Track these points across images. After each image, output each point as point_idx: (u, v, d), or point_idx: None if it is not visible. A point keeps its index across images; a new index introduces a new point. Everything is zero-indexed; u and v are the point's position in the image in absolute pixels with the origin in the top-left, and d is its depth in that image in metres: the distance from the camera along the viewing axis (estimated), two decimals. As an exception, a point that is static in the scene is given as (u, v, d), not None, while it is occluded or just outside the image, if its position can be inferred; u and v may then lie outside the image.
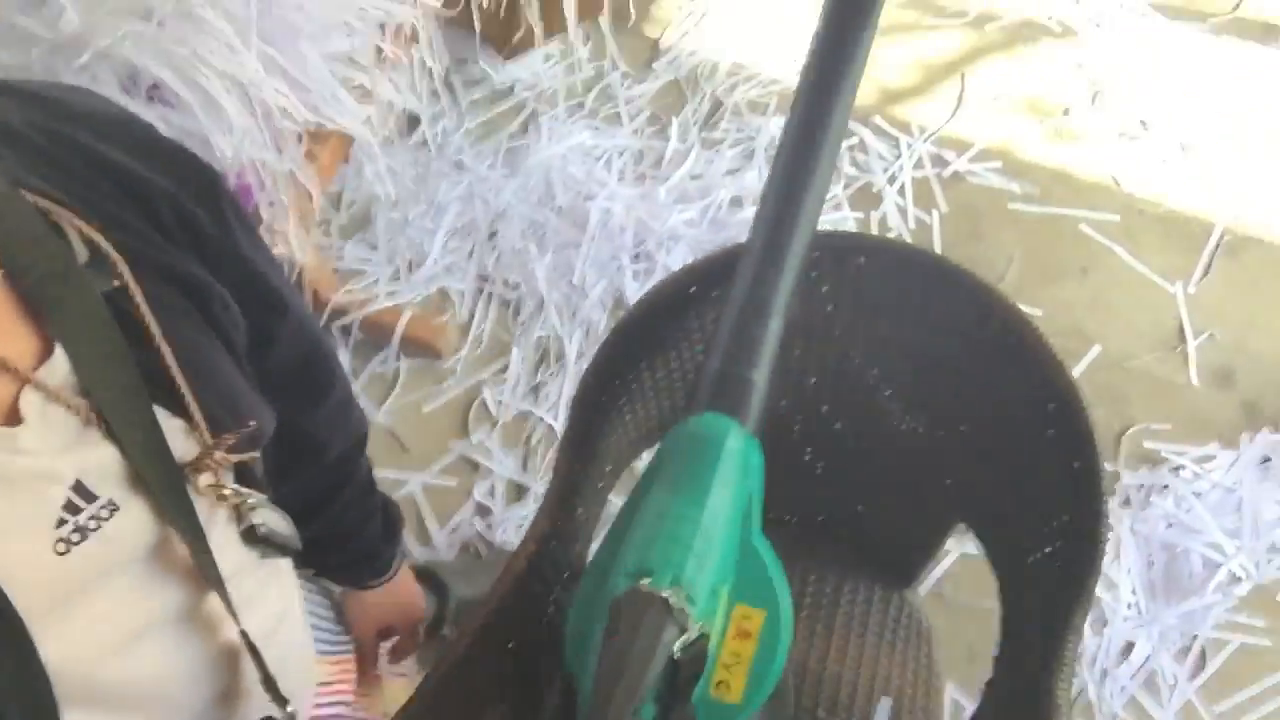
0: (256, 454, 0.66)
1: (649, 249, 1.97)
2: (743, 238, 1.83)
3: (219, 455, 0.59)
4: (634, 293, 1.92)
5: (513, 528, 1.71)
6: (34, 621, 0.50)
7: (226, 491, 0.61)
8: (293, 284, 0.82)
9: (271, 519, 0.64)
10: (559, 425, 1.78)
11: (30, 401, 0.52)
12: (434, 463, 1.77)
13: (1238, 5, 2.34)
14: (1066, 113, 2.17)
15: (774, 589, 0.62)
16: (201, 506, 0.59)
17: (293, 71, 1.09)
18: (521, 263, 1.96)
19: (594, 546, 0.86)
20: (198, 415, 0.59)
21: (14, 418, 0.52)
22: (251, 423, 0.63)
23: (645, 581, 0.51)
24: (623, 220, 1.99)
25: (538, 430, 1.80)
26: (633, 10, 2.16)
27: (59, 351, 0.54)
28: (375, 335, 1.88)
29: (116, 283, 0.56)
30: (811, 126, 0.88)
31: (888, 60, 2.23)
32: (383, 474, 1.74)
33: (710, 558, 0.55)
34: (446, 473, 1.76)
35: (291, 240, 1.10)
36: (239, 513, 0.63)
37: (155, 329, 0.57)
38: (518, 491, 1.75)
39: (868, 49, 0.87)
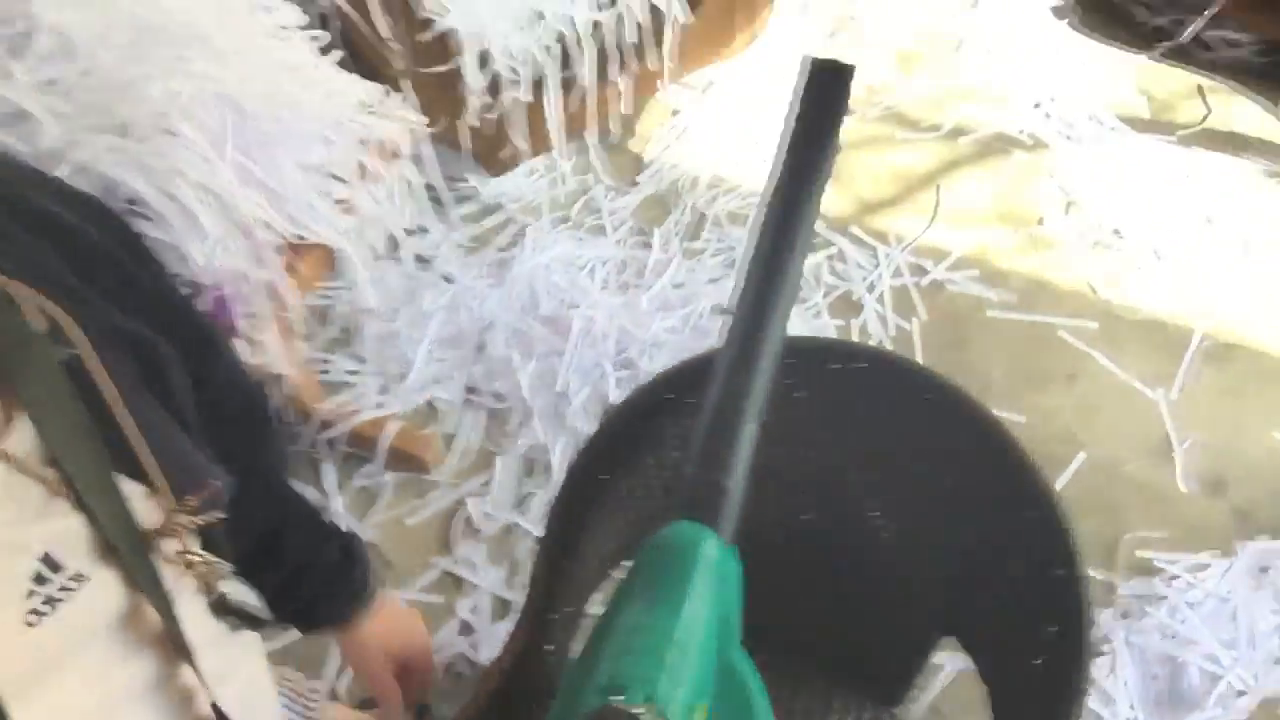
0: (221, 515, 0.64)
1: (632, 356, 1.98)
2: (724, 344, 1.79)
3: (184, 519, 0.59)
4: (618, 399, 1.92)
5: (498, 645, 1.67)
6: (8, 697, 0.49)
7: (194, 558, 0.61)
8: (271, 391, 0.82)
9: (239, 590, 0.64)
10: (543, 536, 1.75)
11: None
12: (417, 579, 1.74)
13: (1205, 117, 2.41)
14: (1041, 222, 2.21)
15: (754, 707, 0.60)
16: (169, 576, 0.59)
17: (270, 183, 1.10)
18: (507, 372, 1.97)
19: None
20: (160, 480, 0.59)
21: None
22: (215, 482, 0.63)
23: (617, 698, 0.49)
24: (605, 328, 2.01)
25: (524, 543, 1.77)
26: (616, 128, 2.21)
27: (23, 421, 0.54)
28: (362, 448, 1.87)
29: (72, 351, 0.57)
30: (778, 239, 0.89)
31: (864, 172, 2.29)
32: (363, 588, 1.70)
33: (686, 673, 0.53)
34: (430, 589, 1.73)
35: (270, 351, 1.10)
36: (207, 583, 0.62)
37: (113, 396, 0.57)
38: (503, 607, 1.72)
39: (827, 173, 0.88)
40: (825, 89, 0.89)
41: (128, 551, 0.56)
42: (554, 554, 0.83)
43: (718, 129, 2.39)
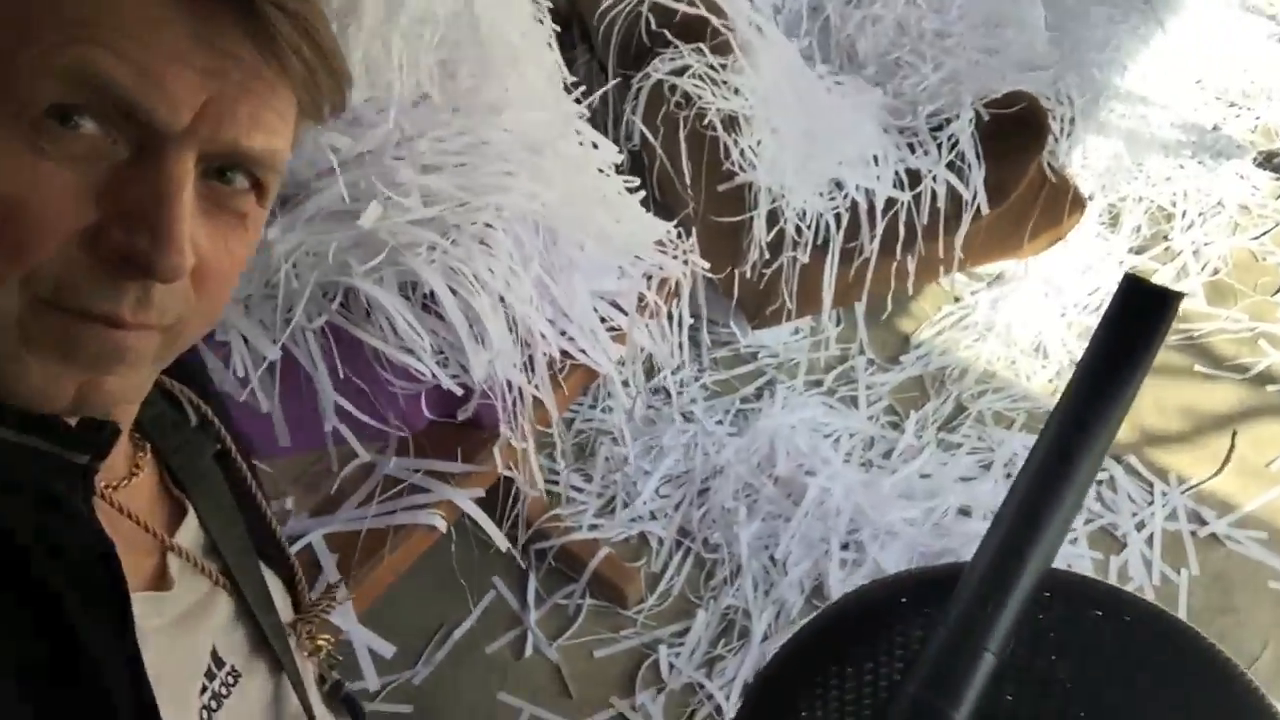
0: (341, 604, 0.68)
1: (862, 539, 1.88)
2: (965, 551, 1.71)
3: (322, 605, 0.63)
4: (837, 582, 1.82)
5: (654, 804, 1.58)
6: None
7: (322, 641, 0.64)
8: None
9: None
10: (729, 708, 1.66)
11: (174, 565, 0.56)
12: (592, 716, 1.68)
13: None
14: (1354, 495, 1.95)
15: None
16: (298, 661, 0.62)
17: (561, 303, 1.13)
18: (727, 524, 1.92)
19: None
20: (299, 570, 0.63)
21: (162, 581, 0.55)
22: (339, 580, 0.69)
23: None
24: (840, 503, 1.92)
25: (704, 707, 1.68)
26: (889, 303, 2.17)
27: (190, 515, 0.59)
28: (568, 566, 1.86)
29: (219, 446, 0.62)
30: (1059, 466, 0.81)
31: (1152, 399, 2.11)
32: (537, 712, 1.67)
33: None
34: (601, 728, 1.67)
35: (526, 464, 1.12)
36: (324, 668, 0.65)
37: (257, 488, 0.62)
38: (669, 766, 1.63)
39: (1127, 407, 0.80)
40: (1142, 314, 0.82)
41: (275, 641, 0.59)
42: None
43: (997, 323, 2.29)
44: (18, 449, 0.47)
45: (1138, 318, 0.80)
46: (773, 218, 1.84)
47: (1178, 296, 0.80)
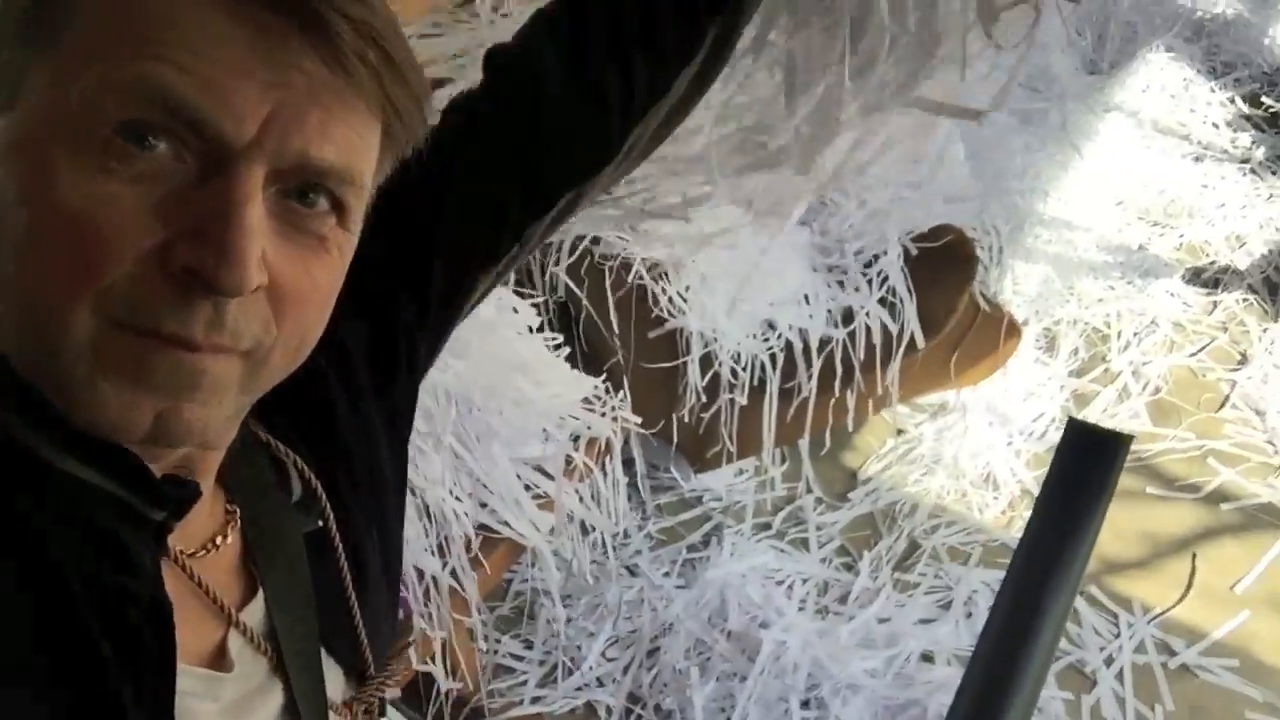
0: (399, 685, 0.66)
1: (823, 694, 1.77)
2: (930, 702, 1.60)
3: (380, 689, 0.61)
4: (799, 745, 1.70)
5: None
6: None
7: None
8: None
9: None
10: None
11: (235, 644, 0.54)
12: None
13: None
14: (1321, 616, 1.90)
15: None
16: None
17: (480, 474, 1.06)
18: (679, 687, 1.80)
19: None
20: (367, 654, 0.61)
21: (221, 661, 0.53)
22: (409, 640, 0.66)
23: None
24: (797, 657, 1.82)
25: None
26: (828, 439, 2.11)
27: (260, 594, 0.56)
28: (511, 742, 1.73)
29: (320, 523, 0.59)
30: (1017, 631, 0.74)
31: (1108, 527, 2.05)
32: None
33: None
34: None
35: (439, 662, 1.02)
36: None
37: (349, 576, 0.60)
38: None
39: (1085, 559, 0.74)
40: (1090, 460, 0.77)
41: None
42: None
43: (944, 455, 2.24)
44: (93, 489, 0.47)
45: (1087, 465, 0.76)
46: (706, 361, 1.80)
47: (1126, 439, 0.76)
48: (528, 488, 1.10)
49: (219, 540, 0.55)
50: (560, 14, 0.73)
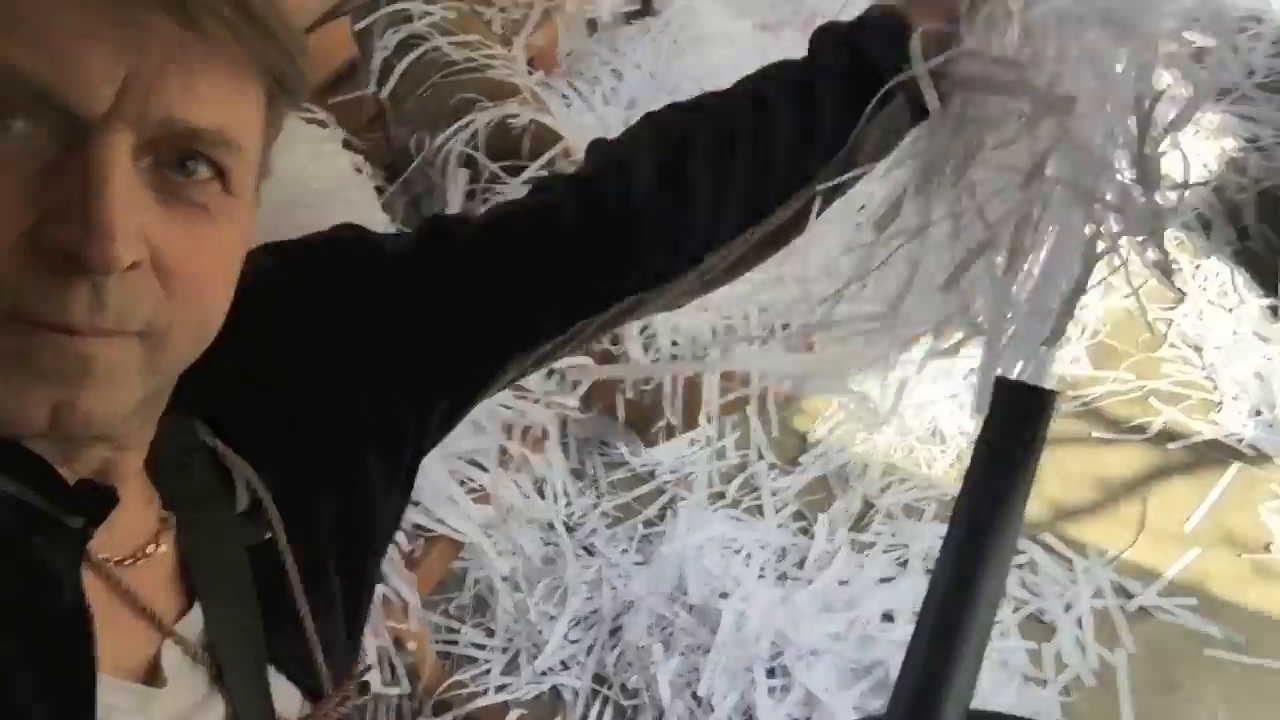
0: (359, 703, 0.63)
1: (787, 662, 1.76)
2: (894, 661, 1.60)
3: (334, 708, 0.58)
4: (767, 714, 1.69)
5: None
6: None
7: None
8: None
9: None
10: None
11: (170, 658, 0.52)
12: None
13: None
14: (1269, 548, 1.93)
15: None
16: None
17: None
18: (644, 664, 1.78)
19: None
20: (322, 671, 0.58)
21: (154, 675, 0.51)
22: (365, 665, 0.62)
23: None
24: (759, 626, 1.80)
25: None
26: (771, 408, 2.10)
27: (198, 606, 0.54)
28: (476, 734, 1.70)
29: (268, 535, 0.57)
30: (958, 599, 0.73)
31: (1057, 473, 2.07)
32: None
33: None
34: None
35: (381, 669, 0.98)
36: None
37: (298, 589, 0.57)
38: None
39: (1018, 524, 0.72)
40: (1019, 416, 0.75)
41: None
42: None
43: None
44: (3, 494, 0.46)
45: (1014, 420, 0.74)
46: (648, 340, 1.76)
47: (1052, 394, 0.74)
48: (463, 483, 1.06)
49: (150, 548, 0.53)
50: (672, 121, 0.72)
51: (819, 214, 0.74)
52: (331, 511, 0.62)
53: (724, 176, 0.70)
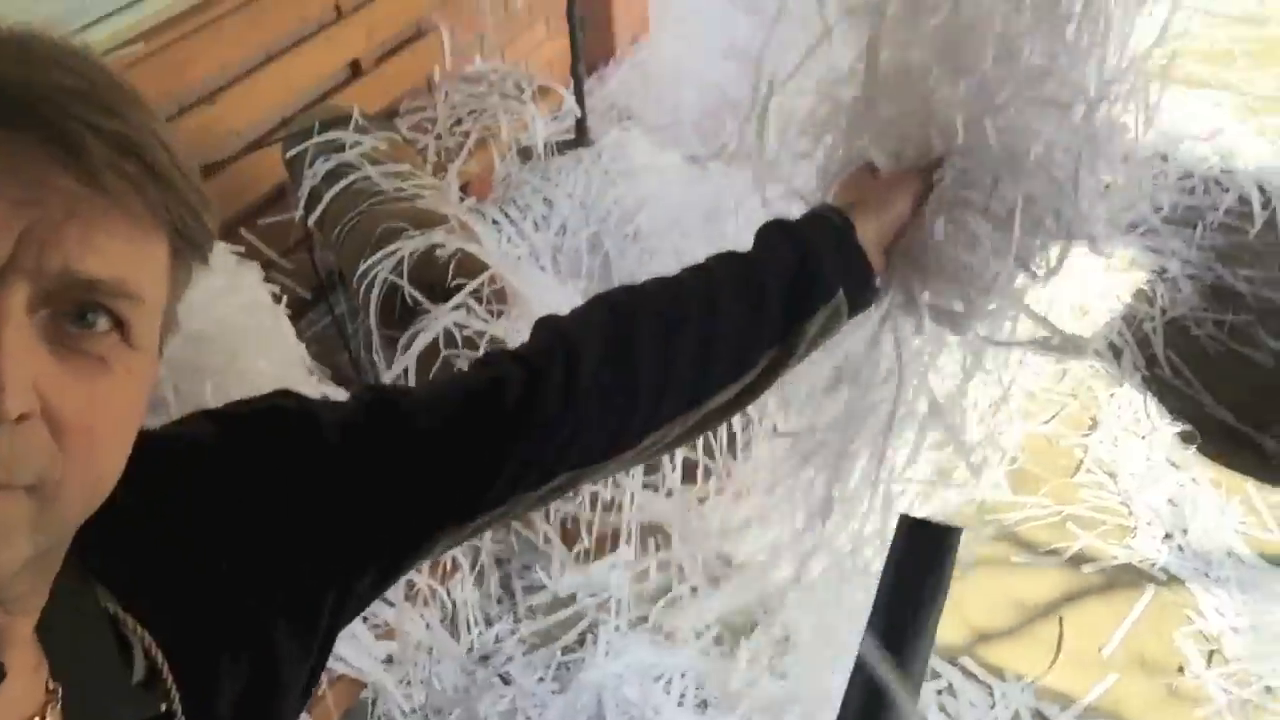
0: None
1: (705, 795, 1.73)
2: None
3: None
4: None
5: None
6: None
7: None
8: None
9: None
10: None
11: None
12: None
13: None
14: (1181, 670, 1.94)
15: None
16: None
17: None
18: (558, 798, 1.73)
19: None
20: None
21: None
22: None
23: None
24: (678, 757, 1.77)
25: None
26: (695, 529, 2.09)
27: None
28: None
29: (164, 706, 0.55)
30: None
31: (977, 596, 2.08)
32: None
33: None
34: None
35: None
36: None
37: None
38: None
39: (926, 656, 0.73)
40: (924, 554, 0.77)
41: None
42: None
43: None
44: None
45: (919, 558, 0.76)
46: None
47: (955, 531, 0.77)
48: (365, 619, 1.04)
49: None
50: (621, 305, 0.74)
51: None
52: (234, 684, 0.60)
53: (668, 363, 0.72)
